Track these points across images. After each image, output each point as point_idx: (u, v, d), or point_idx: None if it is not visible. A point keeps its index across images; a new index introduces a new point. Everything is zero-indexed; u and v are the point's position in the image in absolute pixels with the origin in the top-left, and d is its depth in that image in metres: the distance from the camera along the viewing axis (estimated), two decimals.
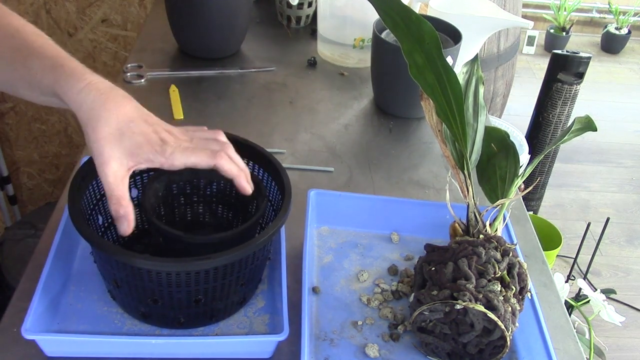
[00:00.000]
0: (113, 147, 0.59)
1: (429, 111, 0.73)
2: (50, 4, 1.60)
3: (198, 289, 0.62)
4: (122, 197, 0.60)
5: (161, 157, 0.60)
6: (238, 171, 0.65)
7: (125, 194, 0.60)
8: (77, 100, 0.58)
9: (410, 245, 0.83)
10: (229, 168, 0.64)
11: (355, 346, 0.69)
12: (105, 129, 0.58)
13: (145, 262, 0.59)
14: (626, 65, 3.71)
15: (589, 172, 2.78)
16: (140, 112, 0.61)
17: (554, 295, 0.79)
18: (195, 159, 0.62)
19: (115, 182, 0.59)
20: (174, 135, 0.63)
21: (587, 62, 1.97)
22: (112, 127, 0.58)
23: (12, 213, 1.94)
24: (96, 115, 0.58)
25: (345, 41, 1.23)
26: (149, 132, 0.60)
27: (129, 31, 1.66)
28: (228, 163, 0.64)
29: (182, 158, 0.61)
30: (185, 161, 0.61)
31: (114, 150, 0.59)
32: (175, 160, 0.61)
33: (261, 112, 1.08)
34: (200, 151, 0.62)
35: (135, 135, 0.59)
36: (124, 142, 0.59)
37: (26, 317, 0.60)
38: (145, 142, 0.60)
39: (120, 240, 0.75)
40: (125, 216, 0.60)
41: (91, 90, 0.58)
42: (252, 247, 0.61)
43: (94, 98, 0.58)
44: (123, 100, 0.60)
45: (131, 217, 0.61)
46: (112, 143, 0.59)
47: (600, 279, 2.26)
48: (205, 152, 0.62)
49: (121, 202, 0.60)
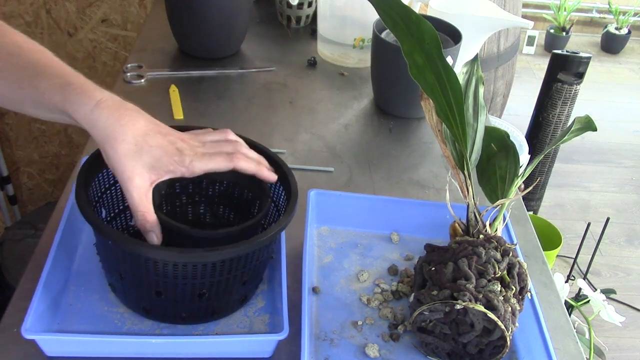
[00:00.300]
0: (135, 163, 0.60)
1: (429, 111, 0.73)
2: (50, 4, 1.60)
3: (203, 283, 0.63)
4: (147, 212, 0.61)
5: (181, 167, 0.61)
6: (257, 166, 0.67)
7: (150, 208, 0.61)
8: (90, 119, 0.59)
9: (410, 245, 0.83)
10: (248, 167, 0.66)
11: (355, 346, 0.69)
12: (124, 145, 0.59)
13: (153, 251, 0.59)
14: (626, 65, 3.71)
15: (589, 172, 2.78)
16: (153, 125, 0.62)
17: (554, 295, 0.79)
18: (214, 165, 0.63)
19: (140, 197, 0.60)
20: (187, 143, 0.63)
21: (587, 62, 1.97)
22: (130, 143, 0.59)
23: (12, 213, 1.94)
24: (112, 134, 0.59)
25: (345, 41, 1.23)
26: (165, 144, 0.61)
27: (129, 31, 1.66)
28: (246, 162, 0.65)
29: (201, 165, 0.62)
30: (205, 168, 0.63)
31: (136, 166, 0.60)
32: (195, 168, 0.62)
33: (261, 112, 1.08)
34: (217, 156, 0.64)
35: (153, 149, 0.60)
36: (143, 157, 0.60)
37: (26, 317, 0.60)
38: (164, 154, 0.61)
39: (126, 232, 0.75)
40: (152, 230, 0.62)
41: (103, 109, 0.59)
42: (260, 242, 0.62)
43: (107, 116, 0.59)
44: (135, 115, 0.61)
45: (158, 230, 0.62)
46: (133, 159, 0.59)
47: (600, 279, 2.26)
48: (222, 156, 0.64)
49: (147, 218, 0.61)
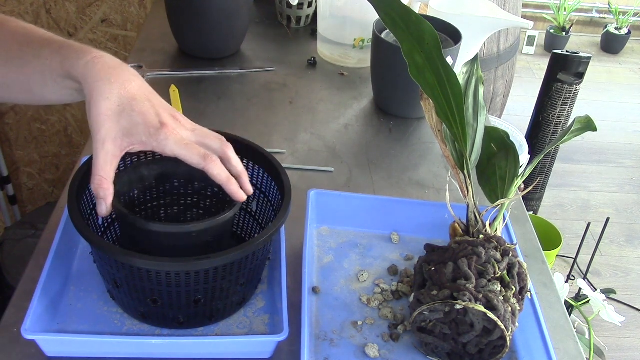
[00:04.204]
0: (111, 125, 0.57)
1: (429, 111, 0.73)
2: (50, 4, 1.60)
3: (198, 289, 0.62)
4: (105, 178, 0.59)
5: (154, 141, 0.59)
6: (227, 178, 0.62)
7: (109, 176, 0.59)
8: (84, 73, 0.58)
9: (410, 245, 0.83)
10: (217, 173, 0.61)
11: (355, 346, 0.69)
12: (106, 104, 0.57)
13: (144, 261, 0.58)
14: (626, 65, 3.71)
15: (589, 172, 2.78)
16: (145, 92, 0.60)
17: (554, 295, 0.79)
18: (187, 154, 0.60)
19: (105, 162, 0.58)
20: (174, 120, 0.61)
21: (587, 62, 1.97)
22: (114, 103, 0.57)
23: (12, 213, 1.94)
24: (99, 89, 0.57)
25: (345, 41, 1.23)
26: (149, 113, 0.59)
27: (129, 31, 1.66)
28: (217, 168, 0.61)
29: (174, 147, 0.59)
30: (176, 151, 0.59)
31: (112, 130, 0.58)
32: (166, 147, 0.59)
33: (261, 112, 1.08)
34: (194, 148, 0.60)
35: (134, 114, 0.58)
36: (122, 120, 0.58)
37: (26, 317, 0.60)
38: (142, 123, 0.58)
39: (120, 240, 0.75)
40: (104, 198, 0.59)
41: (97, 64, 0.58)
42: (252, 247, 0.61)
43: (99, 71, 0.57)
44: (130, 76, 0.59)
45: (109, 200, 0.60)
46: (112, 120, 0.57)
47: (600, 279, 2.26)
48: (199, 152, 0.60)
49: (102, 184, 0.59)
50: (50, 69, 0.60)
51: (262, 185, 0.75)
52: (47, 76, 0.61)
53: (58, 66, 0.60)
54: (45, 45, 0.61)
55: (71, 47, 0.60)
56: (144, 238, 0.63)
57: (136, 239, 0.64)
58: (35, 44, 0.62)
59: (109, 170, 0.59)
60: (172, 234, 0.62)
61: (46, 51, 0.60)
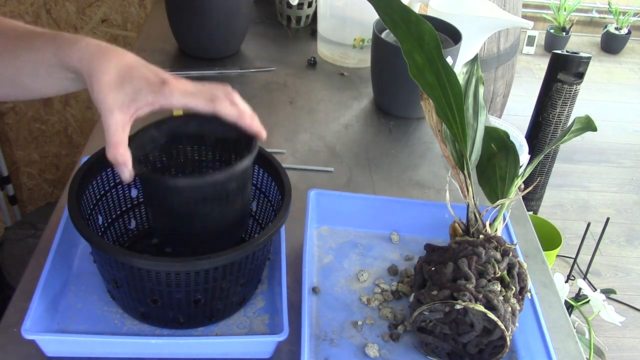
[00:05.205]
0: (115, 95, 0.58)
1: (429, 111, 0.73)
2: (50, 4, 1.60)
3: (198, 289, 0.62)
4: (120, 143, 0.59)
5: (160, 97, 0.59)
6: (239, 112, 0.63)
7: (124, 141, 0.59)
8: (79, 56, 0.59)
9: (410, 245, 0.83)
10: (229, 111, 0.62)
11: (355, 346, 0.69)
12: (106, 77, 0.58)
13: (144, 262, 0.59)
14: (626, 65, 3.71)
15: (589, 172, 2.78)
16: (141, 61, 0.61)
17: (554, 295, 0.79)
18: (194, 102, 0.60)
19: (116, 129, 0.59)
20: (174, 78, 0.61)
21: (587, 62, 1.97)
22: (112, 75, 0.58)
23: (12, 213, 1.94)
24: (96, 66, 0.58)
25: (345, 41, 1.23)
26: (149, 76, 0.60)
27: (129, 31, 1.66)
28: (228, 107, 0.62)
29: (181, 98, 0.60)
30: (184, 102, 0.60)
31: (117, 99, 0.58)
32: (174, 100, 0.60)
33: (261, 112, 1.07)
34: (201, 94, 0.61)
35: (135, 80, 0.59)
36: (125, 88, 0.58)
37: (26, 317, 0.60)
38: (145, 85, 0.59)
39: (125, 236, 0.75)
40: (124, 163, 0.59)
41: (90, 45, 0.59)
42: (252, 247, 0.61)
43: (93, 51, 0.58)
44: (123, 52, 0.60)
45: (129, 163, 0.60)
46: (114, 91, 0.58)
47: (600, 279, 2.26)
48: (205, 96, 0.61)
49: (119, 149, 0.59)
50: (43, 60, 0.61)
51: (262, 185, 0.75)
52: (40, 68, 0.62)
53: (51, 56, 0.60)
54: (36, 38, 0.62)
55: (63, 36, 0.61)
56: (167, 196, 0.62)
57: (161, 199, 0.63)
58: (25, 37, 0.62)
59: (122, 136, 0.59)
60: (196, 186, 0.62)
61: (38, 43, 0.61)
